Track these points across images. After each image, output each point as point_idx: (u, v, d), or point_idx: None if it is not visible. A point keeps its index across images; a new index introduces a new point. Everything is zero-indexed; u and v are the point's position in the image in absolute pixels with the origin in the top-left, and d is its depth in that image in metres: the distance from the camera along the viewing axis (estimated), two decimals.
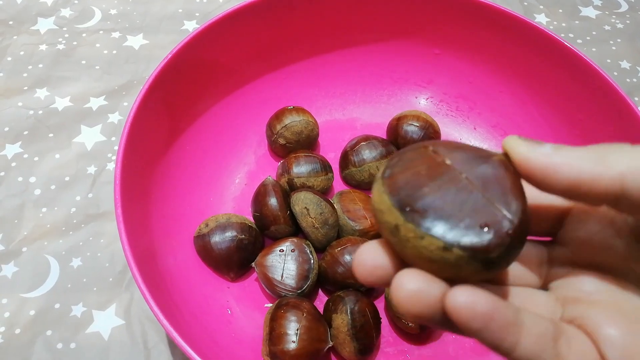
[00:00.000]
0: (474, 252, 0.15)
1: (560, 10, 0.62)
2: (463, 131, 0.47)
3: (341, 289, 0.35)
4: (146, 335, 0.36)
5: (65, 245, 0.40)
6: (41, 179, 0.43)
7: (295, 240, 0.36)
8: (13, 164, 0.44)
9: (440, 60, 0.47)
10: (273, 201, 0.37)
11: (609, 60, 0.57)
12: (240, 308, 0.36)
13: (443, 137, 0.46)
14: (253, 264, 0.36)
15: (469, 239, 0.15)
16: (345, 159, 0.43)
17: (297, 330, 0.31)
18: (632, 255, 0.18)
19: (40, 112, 0.48)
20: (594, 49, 0.58)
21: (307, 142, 0.43)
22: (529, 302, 0.18)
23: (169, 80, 0.38)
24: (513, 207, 0.16)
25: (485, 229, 0.15)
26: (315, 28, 0.45)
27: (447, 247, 0.15)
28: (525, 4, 0.62)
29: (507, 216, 0.16)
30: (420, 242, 0.16)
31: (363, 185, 0.43)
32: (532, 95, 0.44)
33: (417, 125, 0.43)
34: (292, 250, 0.36)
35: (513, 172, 0.17)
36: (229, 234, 0.36)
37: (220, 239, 0.36)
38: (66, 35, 0.54)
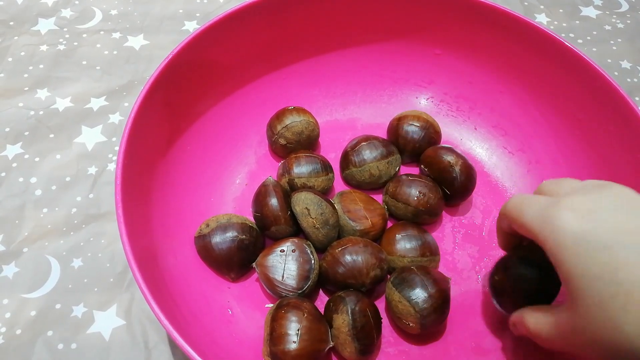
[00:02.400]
0: None
1: (561, 10, 0.62)
2: (463, 131, 0.47)
3: (342, 289, 0.35)
4: (147, 336, 0.36)
5: (66, 245, 0.40)
6: (42, 180, 0.43)
7: (296, 241, 0.36)
8: (14, 165, 0.44)
9: (441, 61, 0.47)
10: (274, 201, 0.37)
11: (609, 60, 0.57)
12: (241, 308, 0.36)
13: (444, 137, 0.46)
14: (254, 265, 0.36)
15: None
16: (346, 159, 0.43)
17: (298, 330, 0.31)
18: None
19: (41, 112, 0.48)
20: (594, 49, 0.58)
21: (307, 143, 0.43)
22: None
23: (170, 81, 0.38)
24: None
25: None
26: (315, 28, 0.45)
27: None
28: (526, 3, 0.62)
29: None
30: None
31: (364, 186, 0.43)
32: (533, 95, 0.44)
33: (418, 125, 0.43)
34: (293, 251, 0.36)
35: None
36: (230, 234, 0.36)
37: (221, 239, 0.36)
38: (67, 36, 0.54)
